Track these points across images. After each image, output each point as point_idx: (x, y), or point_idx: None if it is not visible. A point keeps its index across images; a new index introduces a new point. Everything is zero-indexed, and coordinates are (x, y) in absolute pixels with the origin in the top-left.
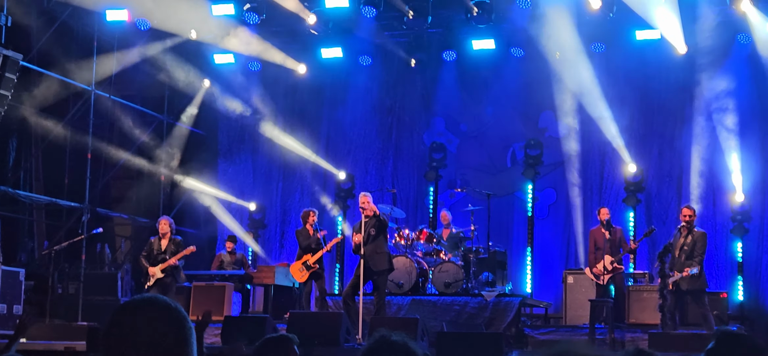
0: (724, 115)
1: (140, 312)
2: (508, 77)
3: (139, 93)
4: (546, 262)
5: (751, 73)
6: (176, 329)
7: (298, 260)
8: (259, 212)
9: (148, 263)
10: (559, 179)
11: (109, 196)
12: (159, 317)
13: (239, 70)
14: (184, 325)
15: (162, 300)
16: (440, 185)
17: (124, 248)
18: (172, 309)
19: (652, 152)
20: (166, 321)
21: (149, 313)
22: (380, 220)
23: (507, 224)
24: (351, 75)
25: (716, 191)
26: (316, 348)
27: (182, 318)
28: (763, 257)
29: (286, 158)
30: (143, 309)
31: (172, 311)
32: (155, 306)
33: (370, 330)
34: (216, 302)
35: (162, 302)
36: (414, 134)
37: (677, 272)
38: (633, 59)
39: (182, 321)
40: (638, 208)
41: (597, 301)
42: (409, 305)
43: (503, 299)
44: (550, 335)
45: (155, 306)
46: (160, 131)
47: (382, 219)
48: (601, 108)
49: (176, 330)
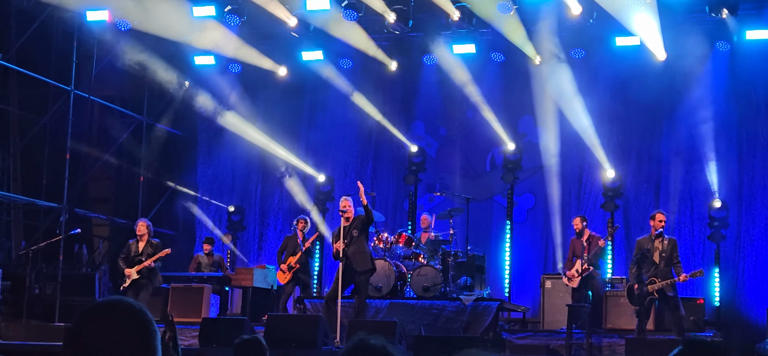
0: (703, 122)
1: (103, 316)
2: (488, 82)
3: (119, 94)
4: (524, 267)
5: (729, 81)
6: (140, 332)
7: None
8: (238, 213)
9: (125, 264)
10: (538, 184)
11: (88, 196)
12: (122, 320)
13: (219, 72)
14: (148, 328)
15: (126, 302)
16: (419, 188)
17: (102, 248)
18: (136, 312)
19: (631, 158)
20: (129, 324)
21: (112, 317)
22: (362, 219)
23: (486, 228)
24: (331, 78)
25: (694, 198)
26: (293, 351)
27: (147, 321)
28: (740, 264)
29: (266, 160)
30: (106, 312)
31: (136, 314)
32: (118, 309)
33: (348, 334)
34: (194, 303)
35: (126, 305)
36: (393, 138)
37: (658, 279)
38: (612, 65)
39: (146, 324)
40: (617, 213)
41: (574, 306)
42: (388, 308)
43: (481, 303)
44: (528, 339)
45: (118, 310)
46: (139, 131)
47: (364, 218)
48: (580, 114)
49: (140, 333)
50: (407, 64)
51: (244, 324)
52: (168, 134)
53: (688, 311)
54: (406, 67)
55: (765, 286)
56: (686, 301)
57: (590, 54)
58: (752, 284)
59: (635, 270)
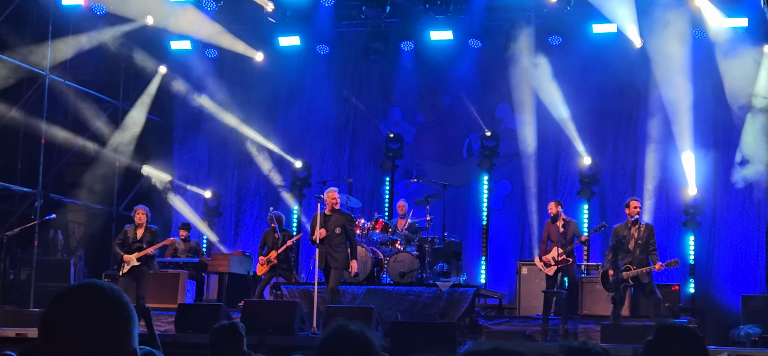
0: (678, 109)
1: (78, 300)
2: (466, 68)
3: (95, 78)
4: (501, 253)
5: (705, 68)
6: (116, 315)
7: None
8: (215, 199)
9: (123, 251)
10: (515, 171)
11: (63, 182)
12: (98, 303)
13: (196, 57)
14: (124, 311)
15: (101, 285)
16: (396, 175)
17: (77, 234)
18: (112, 296)
19: (607, 145)
20: (105, 307)
21: (88, 301)
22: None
23: (462, 214)
24: (308, 63)
25: (669, 185)
26: (270, 337)
27: (123, 304)
28: (715, 251)
29: (242, 146)
30: (81, 296)
31: (112, 297)
32: (93, 293)
33: (325, 320)
34: (169, 289)
35: (101, 288)
36: (371, 124)
37: (633, 266)
38: (589, 52)
39: (122, 308)
40: (592, 200)
41: (550, 292)
42: (364, 294)
43: (458, 289)
44: (504, 325)
45: (93, 294)
46: (115, 116)
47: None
48: (557, 101)
49: (116, 316)
50: (384, 51)
51: (221, 309)
52: (144, 118)
53: (663, 298)
54: (384, 54)
55: (739, 273)
56: (661, 287)
57: (567, 41)
58: (727, 271)
59: (611, 256)
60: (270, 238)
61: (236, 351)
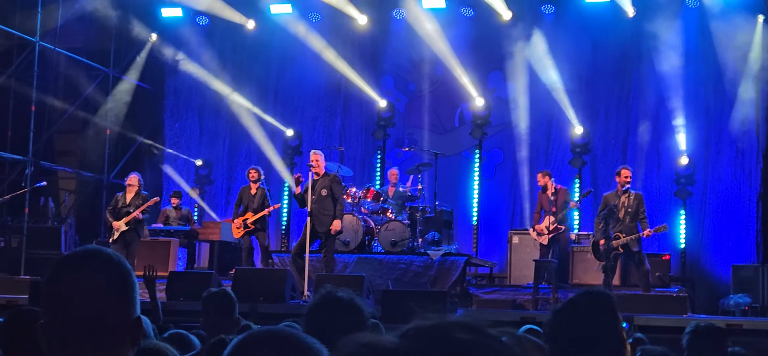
0: (671, 78)
1: (81, 265)
2: (458, 37)
3: (85, 46)
4: (492, 222)
5: (698, 37)
6: (119, 282)
7: (239, 218)
8: (206, 168)
9: (112, 217)
10: (507, 140)
11: (54, 149)
12: (101, 270)
13: (187, 25)
14: (127, 279)
15: (104, 252)
16: (388, 143)
17: (68, 202)
18: (115, 262)
19: (599, 115)
20: (108, 274)
21: (90, 267)
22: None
23: (454, 183)
24: (300, 31)
25: (661, 154)
26: (261, 305)
27: (126, 271)
28: (706, 220)
29: (233, 114)
30: (84, 262)
31: (115, 264)
32: (97, 259)
33: (316, 288)
34: (161, 257)
35: (104, 255)
36: (362, 93)
37: (623, 234)
38: (582, 21)
39: (126, 275)
40: (584, 170)
41: (541, 261)
42: (355, 263)
43: (449, 258)
44: (495, 294)
45: (97, 260)
46: (105, 84)
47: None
48: (549, 70)
49: (119, 283)
50: (376, 19)
51: (212, 277)
52: (135, 86)
53: (653, 267)
54: (376, 22)
55: (730, 242)
56: (652, 257)
57: (560, 9)
58: (717, 240)
59: (601, 225)
60: (246, 195)
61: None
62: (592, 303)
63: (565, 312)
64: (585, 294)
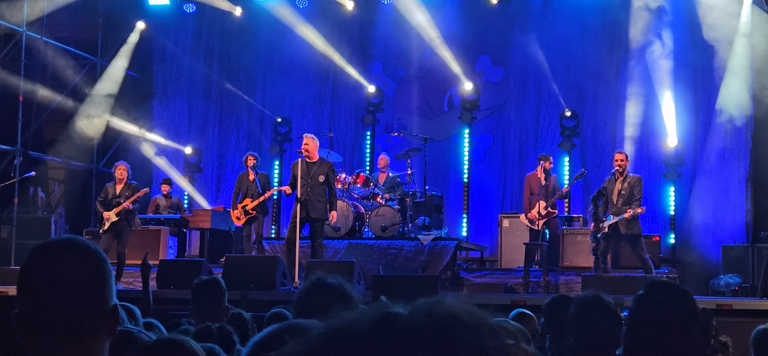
0: (659, 60)
1: (57, 252)
2: (446, 21)
3: (72, 34)
4: (482, 206)
5: (686, 18)
6: (94, 269)
7: (239, 205)
8: (195, 155)
9: (103, 208)
10: (496, 124)
11: (42, 139)
12: (76, 258)
13: (174, 12)
14: (103, 267)
15: (80, 241)
16: (377, 129)
17: (57, 191)
18: (91, 250)
19: (588, 97)
20: (83, 261)
21: (66, 253)
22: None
23: (444, 168)
24: (287, 17)
25: (650, 136)
26: (251, 292)
27: (101, 259)
28: (695, 201)
29: (222, 101)
30: (60, 249)
31: (91, 252)
32: (73, 246)
33: (306, 274)
34: (151, 246)
35: (80, 243)
36: (351, 78)
37: (614, 215)
38: (570, 4)
39: (101, 263)
40: (573, 153)
41: (531, 245)
42: (346, 249)
43: (439, 242)
44: (486, 278)
45: (73, 247)
46: (93, 73)
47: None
48: (538, 53)
49: (94, 270)
50: (364, 4)
51: (202, 265)
52: (123, 74)
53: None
54: (364, 7)
55: (719, 223)
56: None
57: None
58: (707, 221)
59: (592, 208)
60: (244, 182)
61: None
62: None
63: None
64: (658, 283)
